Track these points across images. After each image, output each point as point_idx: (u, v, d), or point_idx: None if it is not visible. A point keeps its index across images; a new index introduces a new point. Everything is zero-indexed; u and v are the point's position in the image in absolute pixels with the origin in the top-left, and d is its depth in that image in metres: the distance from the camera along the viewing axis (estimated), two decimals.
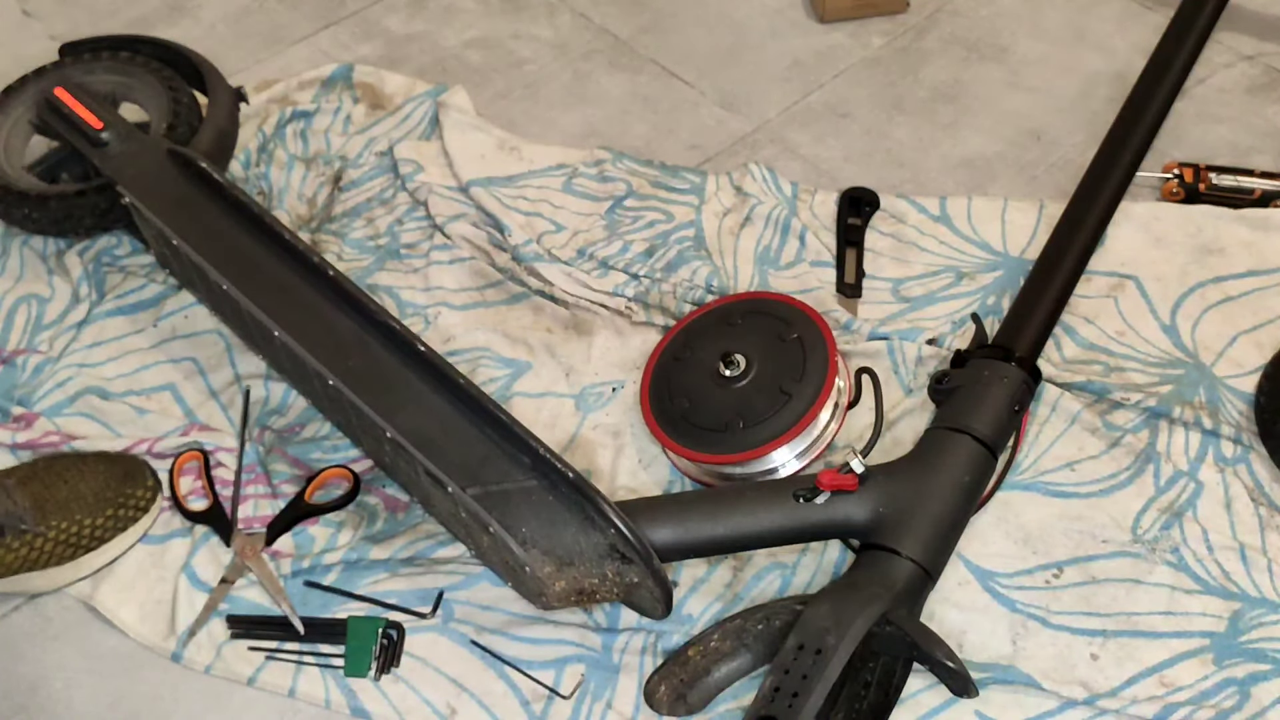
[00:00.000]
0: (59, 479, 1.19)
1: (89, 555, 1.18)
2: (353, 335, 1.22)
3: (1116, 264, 1.41)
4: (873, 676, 1.07)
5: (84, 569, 1.19)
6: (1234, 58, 1.66)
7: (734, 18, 1.76)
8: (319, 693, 1.12)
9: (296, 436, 1.30)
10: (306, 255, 1.26)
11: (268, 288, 1.26)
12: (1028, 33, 1.72)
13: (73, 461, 1.22)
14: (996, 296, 1.39)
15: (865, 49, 1.71)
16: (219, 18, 1.80)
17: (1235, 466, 1.24)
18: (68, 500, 1.18)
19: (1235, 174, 1.48)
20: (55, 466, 1.21)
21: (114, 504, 1.19)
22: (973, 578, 1.17)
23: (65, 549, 1.17)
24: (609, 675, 1.12)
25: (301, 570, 1.19)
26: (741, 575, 1.18)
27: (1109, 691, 1.10)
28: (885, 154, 1.57)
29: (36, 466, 1.22)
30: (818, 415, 1.20)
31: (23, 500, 1.16)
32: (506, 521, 1.10)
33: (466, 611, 1.17)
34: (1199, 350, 1.33)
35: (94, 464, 1.22)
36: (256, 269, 1.28)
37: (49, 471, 1.20)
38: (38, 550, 1.16)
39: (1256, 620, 1.14)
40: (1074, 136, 1.57)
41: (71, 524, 1.17)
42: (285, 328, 1.23)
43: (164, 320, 1.41)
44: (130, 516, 1.20)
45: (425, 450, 1.14)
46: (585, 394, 1.33)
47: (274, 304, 1.25)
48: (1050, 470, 1.24)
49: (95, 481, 1.20)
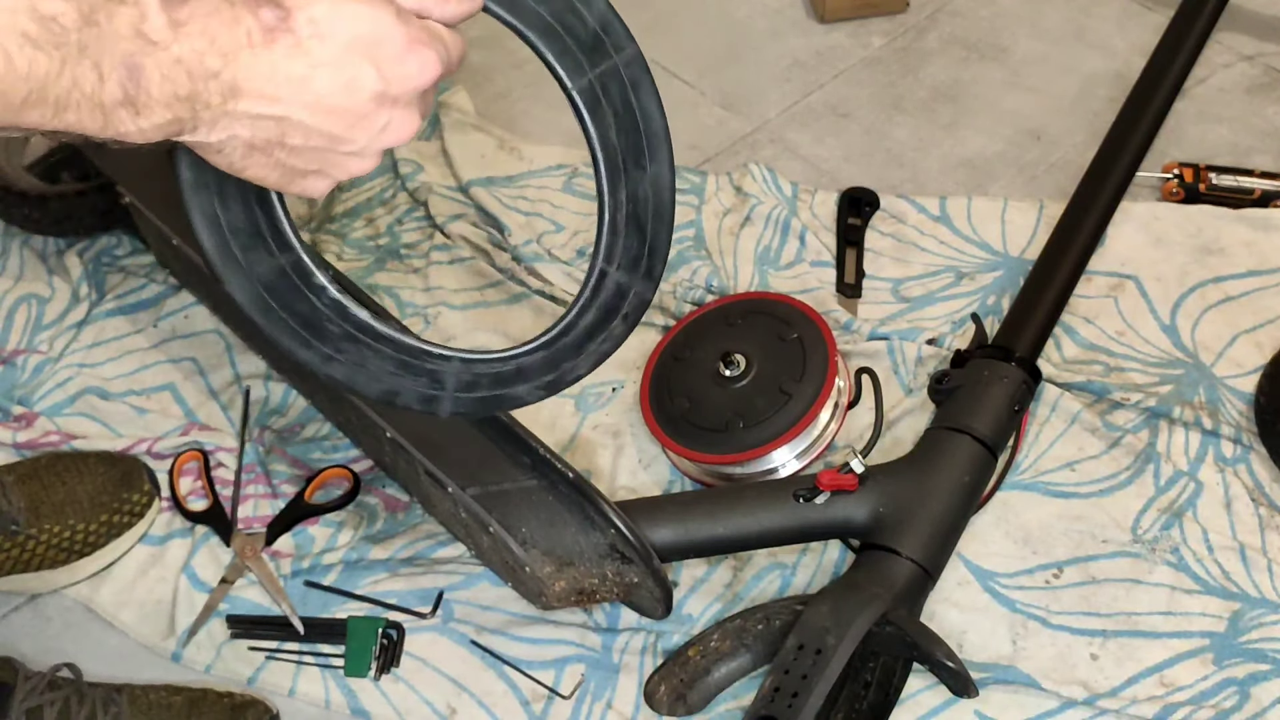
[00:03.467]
0: (58, 480, 1.19)
1: (82, 560, 1.18)
2: None
3: (1116, 264, 1.41)
4: (873, 676, 1.07)
5: (77, 574, 1.18)
6: (1234, 58, 1.66)
7: (734, 18, 1.76)
8: (319, 693, 1.12)
9: (296, 436, 1.30)
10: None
11: None
12: (1028, 33, 1.72)
13: (73, 461, 1.21)
14: (996, 296, 1.39)
15: (865, 49, 1.71)
16: None
17: (1235, 466, 1.24)
18: (63, 503, 1.17)
19: (1235, 174, 1.48)
20: (55, 466, 1.21)
21: (109, 509, 1.18)
22: (973, 578, 1.17)
23: (58, 553, 1.16)
24: (609, 675, 1.12)
25: (301, 570, 1.19)
26: (741, 575, 1.18)
27: (1109, 691, 1.10)
28: (885, 154, 1.57)
29: (38, 464, 1.21)
30: (818, 415, 1.20)
31: (18, 500, 1.16)
32: (506, 521, 1.10)
33: (466, 611, 1.17)
34: (1199, 350, 1.33)
35: (94, 465, 1.21)
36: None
37: (49, 471, 1.20)
38: (29, 553, 1.15)
39: (1256, 620, 1.14)
40: (1074, 136, 1.57)
41: (64, 529, 1.16)
42: None
43: (164, 320, 1.41)
44: (125, 523, 1.19)
45: (425, 450, 1.14)
46: (585, 394, 1.33)
47: None
48: (1050, 470, 1.24)
49: (93, 484, 1.19)
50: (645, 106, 0.79)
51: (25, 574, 1.16)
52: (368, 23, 0.64)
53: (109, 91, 0.58)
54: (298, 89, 0.63)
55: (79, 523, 1.17)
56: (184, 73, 0.59)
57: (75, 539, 1.17)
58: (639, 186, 0.81)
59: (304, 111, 0.64)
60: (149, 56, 0.58)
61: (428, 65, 0.66)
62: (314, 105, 0.64)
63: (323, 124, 0.65)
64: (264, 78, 0.62)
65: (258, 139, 0.65)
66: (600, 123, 0.78)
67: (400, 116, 0.67)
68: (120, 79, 0.58)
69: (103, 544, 1.18)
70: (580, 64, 0.77)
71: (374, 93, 0.65)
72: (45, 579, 1.17)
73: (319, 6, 0.63)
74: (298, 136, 0.65)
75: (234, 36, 0.60)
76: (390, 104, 0.66)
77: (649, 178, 0.81)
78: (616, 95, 0.78)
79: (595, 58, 0.77)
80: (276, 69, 0.62)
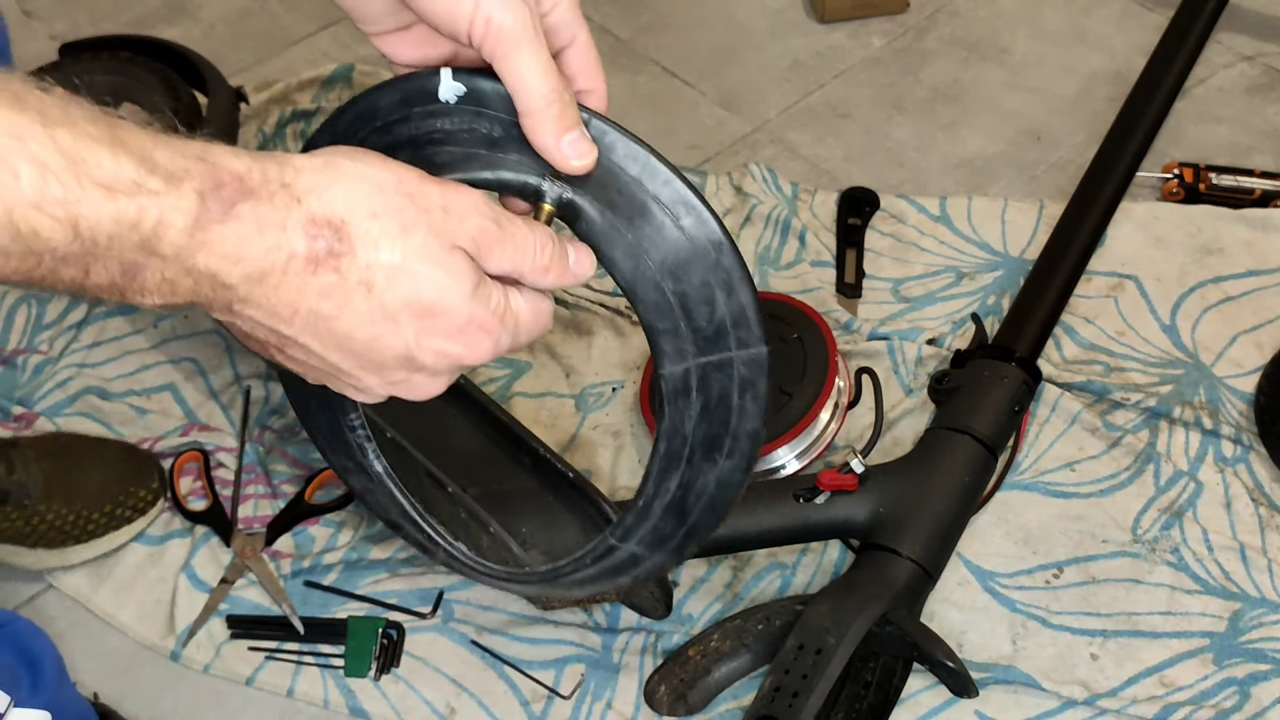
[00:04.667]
0: (75, 463, 1.20)
1: (77, 546, 1.18)
2: None
3: (1116, 264, 1.41)
4: (873, 676, 1.07)
5: (69, 558, 1.19)
6: (1234, 58, 1.66)
7: (734, 18, 1.76)
8: (318, 692, 1.12)
9: (297, 436, 1.30)
10: None
11: None
12: (1028, 33, 1.72)
13: (93, 447, 1.22)
14: (996, 296, 1.39)
15: (865, 49, 1.71)
16: (219, 18, 1.80)
17: (1235, 466, 1.24)
18: (74, 487, 1.18)
19: (1235, 174, 1.48)
20: (76, 447, 1.22)
21: (114, 500, 1.19)
22: (973, 578, 1.17)
23: (56, 534, 1.17)
24: (609, 675, 1.12)
25: (301, 570, 1.19)
26: (741, 575, 1.18)
27: (1109, 691, 1.10)
28: (885, 154, 1.57)
29: (59, 441, 1.22)
30: (818, 415, 1.20)
31: (36, 475, 1.16)
32: (506, 521, 1.10)
33: (466, 611, 1.17)
34: (1199, 350, 1.33)
35: (112, 454, 1.22)
36: None
37: (68, 451, 1.21)
38: (31, 528, 1.16)
39: (1256, 620, 1.14)
40: (1074, 136, 1.57)
41: (70, 511, 1.17)
42: None
43: (164, 320, 1.41)
44: (126, 517, 1.20)
45: (425, 450, 1.14)
46: (585, 394, 1.33)
47: None
48: (1050, 470, 1.24)
49: (106, 473, 1.20)
50: (746, 408, 0.68)
51: (20, 547, 1.17)
52: (433, 292, 0.55)
53: (93, 281, 0.50)
54: (315, 321, 0.55)
55: (84, 509, 1.18)
56: (191, 280, 0.52)
57: (77, 524, 1.17)
58: (700, 478, 0.70)
59: (314, 340, 0.56)
60: (152, 263, 0.50)
61: (476, 351, 0.58)
62: (326, 339, 0.56)
63: (330, 355, 0.57)
64: (284, 302, 0.54)
65: (255, 335, 0.58)
66: (678, 412, 0.67)
67: (421, 381, 0.59)
68: (112, 276, 0.50)
69: (100, 534, 1.19)
70: (683, 351, 0.65)
71: (400, 355, 0.57)
72: (38, 557, 1.18)
73: (388, 253, 0.53)
74: (299, 353, 0.58)
75: (267, 260, 0.52)
76: (415, 369, 0.58)
77: (718, 471, 0.70)
78: (715, 388, 0.67)
79: (709, 347, 0.65)
80: (302, 300, 0.53)
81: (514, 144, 0.60)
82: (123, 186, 0.48)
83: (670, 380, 0.66)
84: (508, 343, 0.59)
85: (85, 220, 0.47)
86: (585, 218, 0.61)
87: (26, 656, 0.93)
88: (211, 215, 0.50)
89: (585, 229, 0.61)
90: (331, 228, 0.53)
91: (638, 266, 0.61)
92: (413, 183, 0.56)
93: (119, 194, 0.48)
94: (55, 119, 0.48)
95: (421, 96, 0.61)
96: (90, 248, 0.48)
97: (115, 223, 0.48)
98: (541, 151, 0.59)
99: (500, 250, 0.57)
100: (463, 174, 0.60)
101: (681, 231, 0.61)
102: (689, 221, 0.61)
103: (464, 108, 0.60)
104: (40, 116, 0.47)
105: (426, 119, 0.61)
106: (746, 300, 0.64)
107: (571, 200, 0.61)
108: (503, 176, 0.60)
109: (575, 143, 0.59)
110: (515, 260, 0.58)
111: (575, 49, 0.63)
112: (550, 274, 0.59)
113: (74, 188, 0.47)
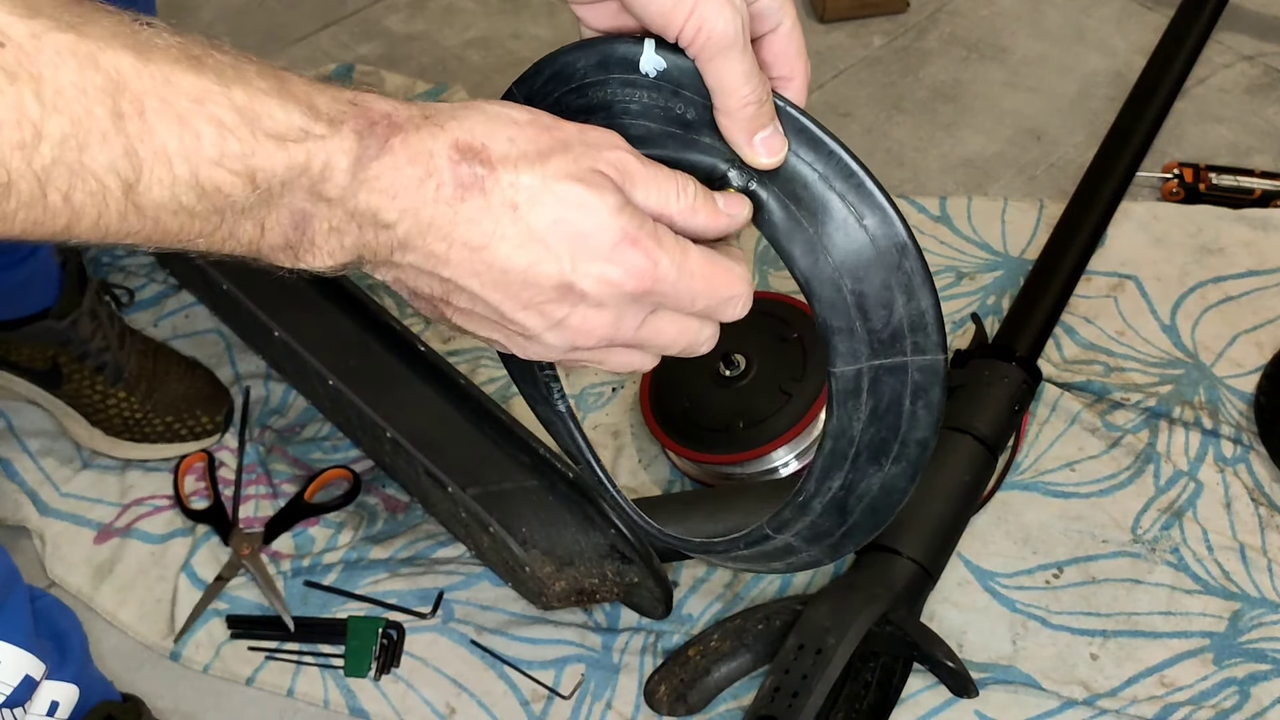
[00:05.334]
0: (166, 368, 1.29)
1: (129, 443, 1.26)
2: (353, 335, 1.22)
3: (1116, 264, 1.41)
4: (873, 676, 1.07)
5: (118, 450, 1.26)
6: (1234, 58, 1.66)
7: None
8: (318, 692, 1.12)
9: (296, 436, 1.30)
10: None
11: (267, 288, 1.26)
12: (1028, 33, 1.72)
13: (185, 364, 1.31)
14: (996, 296, 1.39)
15: (865, 49, 1.71)
16: (218, 17, 1.80)
17: (1235, 466, 1.24)
18: (156, 388, 1.27)
19: (1235, 174, 1.48)
20: (171, 358, 1.30)
21: (180, 416, 1.26)
22: (973, 578, 1.17)
23: (120, 423, 1.25)
24: (609, 675, 1.12)
25: (301, 570, 1.19)
26: (741, 575, 1.18)
27: (1109, 691, 1.10)
28: (885, 154, 1.57)
29: (161, 348, 1.31)
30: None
31: (133, 361, 1.26)
32: (506, 521, 1.10)
33: (466, 611, 1.17)
34: (1199, 350, 1.33)
35: (197, 378, 1.30)
36: (256, 269, 1.27)
37: (163, 356, 1.30)
38: (104, 406, 1.24)
39: (1256, 620, 1.14)
40: (1074, 136, 1.57)
41: (140, 408, 1.25)
42: (285, 328, 1.23)
43: (164, 320, 1.41)
44: (183, 435, 1.26)
45: (425, 450, 1.14)
46: (585, 394, 1.33)
47: (273, 304, 1.25)
48: (1050, 470, 1.24)
49: (186, 388, 1.28)
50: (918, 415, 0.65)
51: (83, 418, 1.26)
52: (577, 209, 0.55)
53: (268, 240, 0.53)
54: (470, 255, 0.55)
55: (152, 411, 1.25)
56: (355, 225, 0.54)
57: (142, 422, 1.25)
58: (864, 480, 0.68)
59: (472, 280, 0.56)
60: (319, 209, 0.53)
61: (635, 272, 0.56)
62: (483, 275, 0.56)
63: (490, 296, 0.56)
64: (438, 236, 0.54)
65: (421, 291, 0.58)
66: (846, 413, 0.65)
67: (584, 316, 0.57)
68: (284, 230, 0.53)
69: (154, 440, 1.25)
70: (857, 352, 0.63)
71: (557, 283, 0.56)
72: (92, 435, 1.26)
73: (529, 175, 0.54)
74: (463, 300, 0.57)
75: (420, 191, 0.54)
76: (576, 299, 0.56)
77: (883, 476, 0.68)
78: (886, 392, 0.64)
79: (884, 350, 0.63)
80: (455, 230, 0.54)
81: (706, 129, 0.60)
82: (293, 135, 0.51)
83: (841, 380, 0.64)
84: (672, 273, 0.57)
85: (262, 171, 0.50)
86: (766, 209, 0.61)
87: (55, 632, 0.95)
88: (370, 152, 0.53)
89: (765, 219, 0.61)
90: (473, 151, 0.54)
91: (816, 263, 0.60)
92: (549, 119, 0.57)
93: (289, 142, 0.51)
94: (230, 78, 0.50)
95: (622, 64, 0.61)
96: (266, 198, 0.51)
97: (288, 169, 0.51)
98: (734, 146, 0.59)
99: (645, 183, 0.57)
100: (658, 150, 0.60)
101: (864, 231, 0.60)
102: (872, 221, 0.60)
103: (662, 84, 0.60)
104: (217, 77, 0.50)
105: (624, 87, 0.61)
106: (927, 305, 0.62)
107: (755, 191, 0.61)
108: (691, 158, 0.61)
109: (767, 140, 0.59)
110: (661, 196, 0.58)
111: (779, 34, 0.63)
112: (700, 214, 0.58)
113: (250, 141, 0.50)
